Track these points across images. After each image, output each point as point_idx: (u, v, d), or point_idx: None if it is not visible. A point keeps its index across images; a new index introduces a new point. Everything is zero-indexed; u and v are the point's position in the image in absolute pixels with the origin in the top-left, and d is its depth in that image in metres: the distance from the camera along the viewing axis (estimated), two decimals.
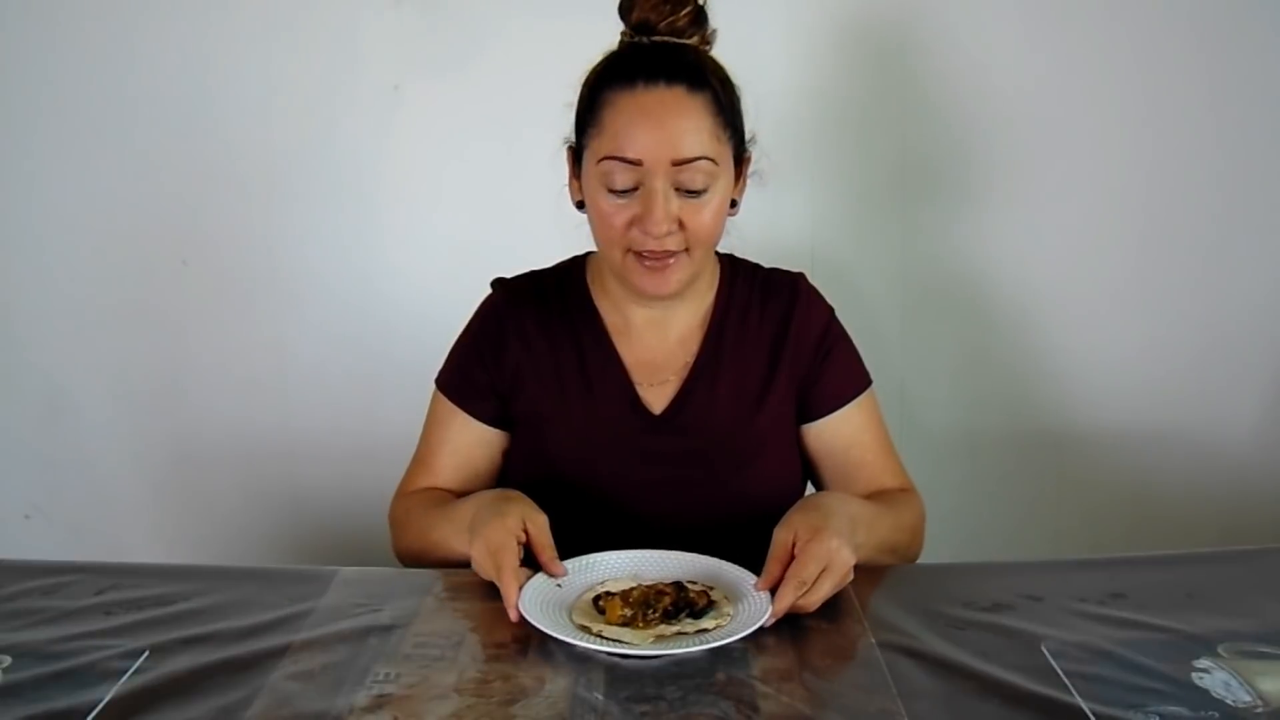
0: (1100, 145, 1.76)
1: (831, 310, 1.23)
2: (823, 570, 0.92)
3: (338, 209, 1.80)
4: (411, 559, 1.15)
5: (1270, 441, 1.87)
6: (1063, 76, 1.74)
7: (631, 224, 1.07)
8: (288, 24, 1.72)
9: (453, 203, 1.79)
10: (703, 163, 1.05)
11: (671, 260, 1.08)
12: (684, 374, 1.18)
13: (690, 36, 1.09)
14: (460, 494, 1.18)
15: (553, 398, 1.17)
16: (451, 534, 1.07)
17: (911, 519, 1.16)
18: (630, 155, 1.04)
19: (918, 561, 1.16)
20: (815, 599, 0.92)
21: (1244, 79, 1.74)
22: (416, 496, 1.19)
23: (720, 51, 1.11)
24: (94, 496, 1.92)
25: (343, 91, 1.74)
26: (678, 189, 1.06)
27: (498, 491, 1.09)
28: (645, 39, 1.09)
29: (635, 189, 1.06)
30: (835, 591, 0.94)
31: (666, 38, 1.09)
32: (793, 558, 0.93)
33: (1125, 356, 1.84)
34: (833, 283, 1.26)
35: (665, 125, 1.04)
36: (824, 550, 0.93)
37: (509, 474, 1.21)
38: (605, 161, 1.06)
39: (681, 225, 1.07)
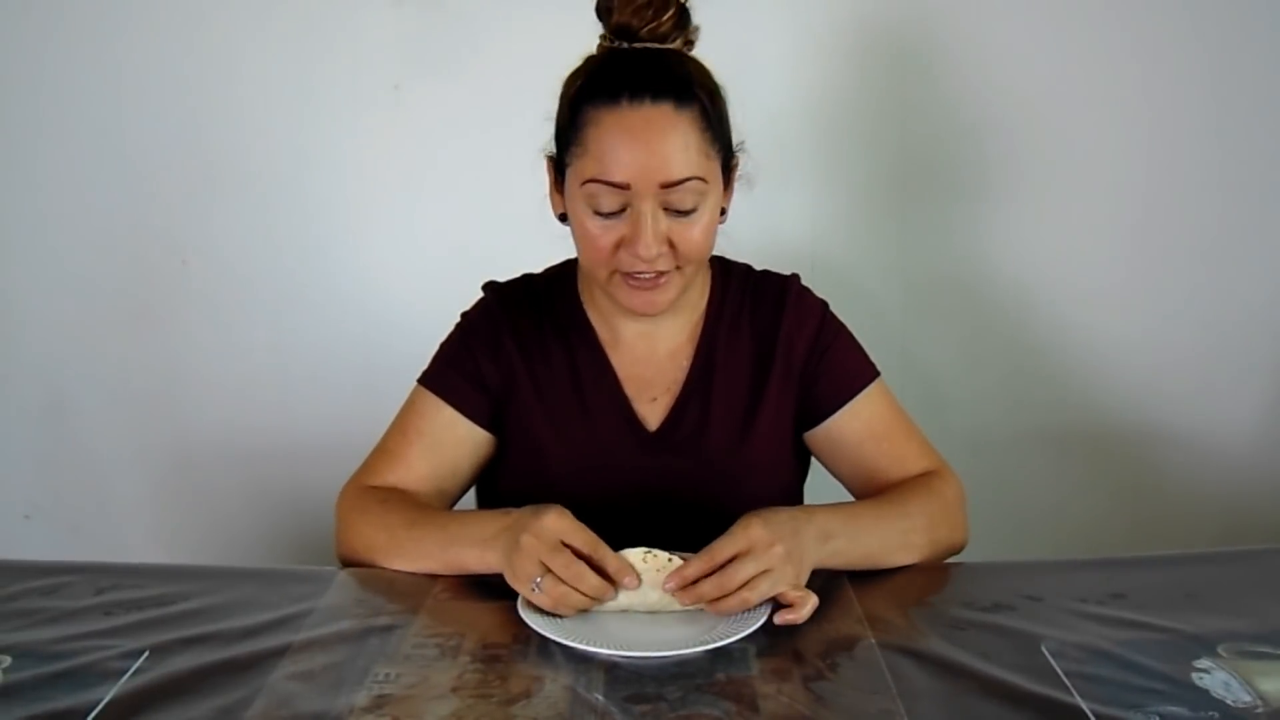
0: (1100, 144, 1.76)
1: (824, 306, 1.20)
2: (749, 553, 0.91)
3: (338, 209, 1.80)
4: (367, 561, 1.06)
5: (1270, 441, 1.87)
6: (1062, 75, 1.74)
7: (619, 245, 1.04)
8: (288, 24, 1.72)
9: (453, 203, 1.79)
10: (692, 183, 1.02)
11: (661, 279, 1.06)
12: (676, 390, 1.16)
13: (673, 40, 1.06)
14: (432, 496, 1.13)
15: (549, 415, 1.15)
16: (462, 537, 1.02)
17: (926, 503, 1.10)
18: (616, 179, 1.01)
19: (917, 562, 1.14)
20: (736, 579, 0.90)
21: (1244, 79, 1.74)
22: (393, 494, 1.11)
23: (717, 52, 1.10)
24: (94, 496, 1.92)
25: (343, 91, 1.74)
26: (666, 209, 1.02)
27: (533, 506, 1.01)
28: (625, 44, 1.05)
29: (622, 210, 1.03)
30: (769, 578, 0.91)
31: (648, 44, 1.05)
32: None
33: (1125, 356, 1.84)
34: (832, 283, 1.25)
35: (652, 147, 1.00)
36: (749, 535, 0.92)
37: (501, 490, 1.18)
38: (590, 184, 1.02)
39: (671, 245, 1.04)
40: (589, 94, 1.03)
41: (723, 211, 1.11)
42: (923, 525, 1.08)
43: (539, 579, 0.92)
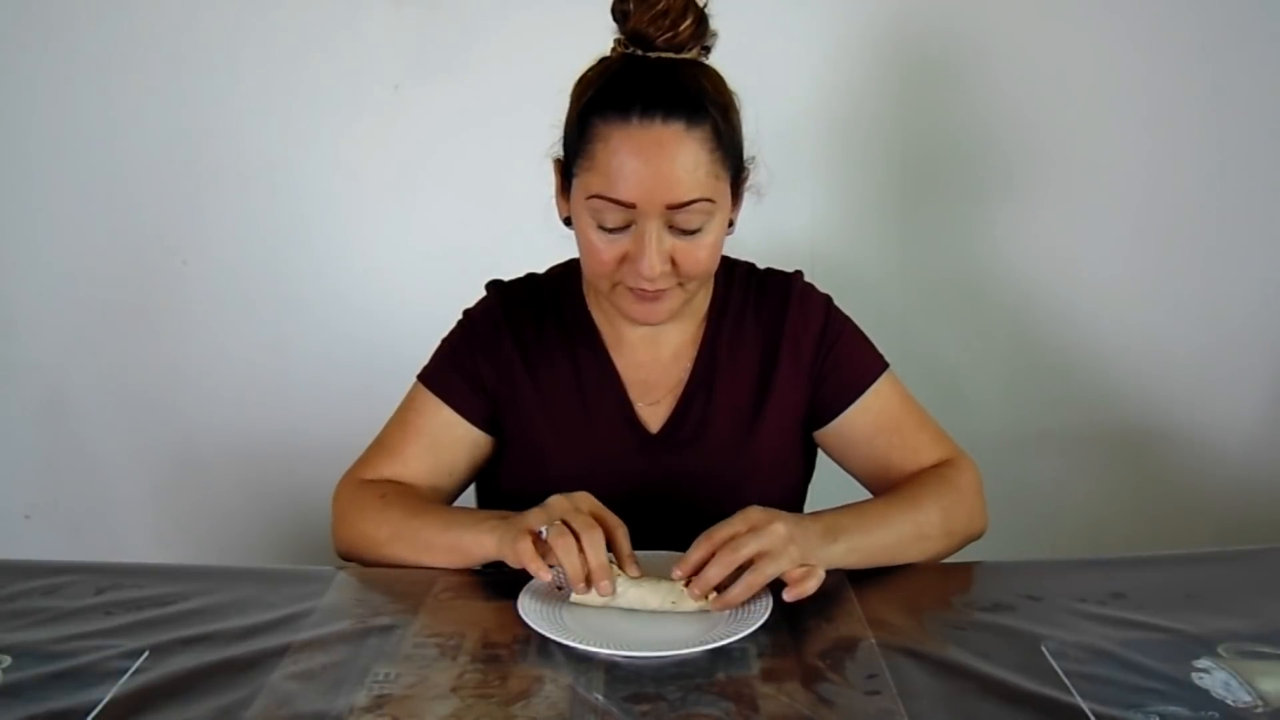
0: (1102, 146, 1.77)
1: (828, 301, 1.20)
2: (750, 531, 0.92)
3: (338, 209, 1.80)
4: (366, 551, 1.08)
5: (1270, 441, 1.87)
6: (1063, 78, 1.74)
7: (622, 260, 1.03)
8: (288, 24, 1.72)
9: (453, 203, 1.79)
10: (699, 204, 1.00)
11: (664, 293, 1.05)
12: (678, 392, 1.16)
13: (690, 49, 1.03)
14: (428, 493, 1.13)
15: (550, 417, 1.14)
16: (467, 524, 1.03)
17: (940, 495, 1.09)
18: (622, 197, 0.99)
19: (916, 562, 1.13)
20: (739, 556, 0.91)
21: (1244, 79, 1.74)
22: (393, 488, 1.11)
23: (719, 55, 1.09)
24: (94, 496, 1.92)
25: (343, 91, 1.74)
26: (672, 228, 1.01)
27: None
28: (639, 52, 1.03)
29: (626, 227, 1.02)
30: (772, 559, 0.92)
31: (664, 53, 1.02)
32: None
33: (1125, 356, 1.84)
34: (834, 283, 1.25)
35: (660, 168, 0.98)
36: (748, 517, 0.93)
37: (501, 490, 1.18)
38: (595, 200, 1.01)
39: (674, 263, 1.03)
40: (599, 106, 1.01)
41: (730, 223, 1.09)
42: (937, 518, 1.07)
43: (546, 527, 0.93)
